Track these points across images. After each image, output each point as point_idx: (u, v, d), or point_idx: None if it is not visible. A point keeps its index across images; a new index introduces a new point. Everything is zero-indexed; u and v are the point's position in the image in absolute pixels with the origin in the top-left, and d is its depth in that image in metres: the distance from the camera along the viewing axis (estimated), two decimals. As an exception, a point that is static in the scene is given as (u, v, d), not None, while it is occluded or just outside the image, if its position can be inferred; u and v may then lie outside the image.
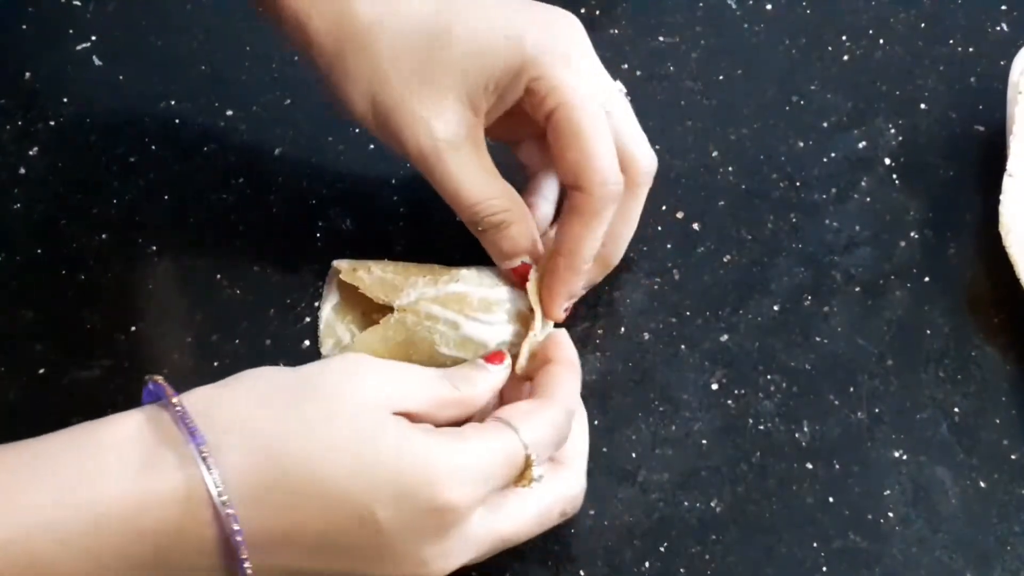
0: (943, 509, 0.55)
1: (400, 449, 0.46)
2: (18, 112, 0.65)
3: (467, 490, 0.47)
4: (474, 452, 0.48)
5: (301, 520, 0.45)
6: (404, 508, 0.46)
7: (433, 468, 0.46)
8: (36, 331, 0.60)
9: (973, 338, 0.59)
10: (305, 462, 0.45)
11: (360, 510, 0.45)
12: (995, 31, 0.68)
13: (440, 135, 0.53)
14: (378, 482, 0.46)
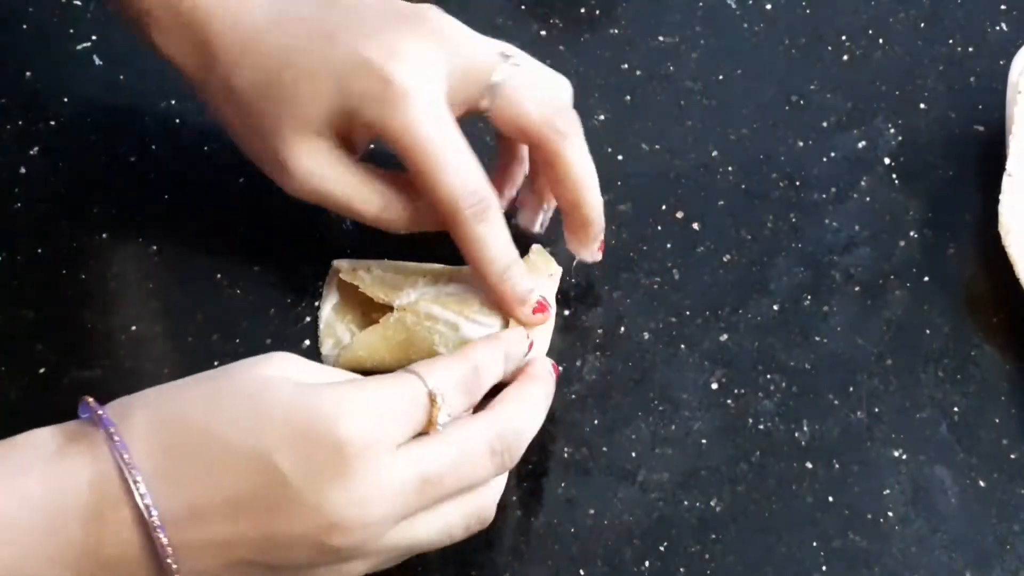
0: (943, 508, 0.55)
1: (293, 396, 0.46)
2: (18, 112, 0.65)
3: (364, 423, 0.46)
4: (370, 390, 0.48)
5: (210, 487, 0.45)
6: (304, 452, 0.45)
7: (326, 406, 0.46)
8: (36, 331, 0.60)
9: (972, 338, 0.59)
10: (205, 430, 0.46)
11: (260, 462, 0.45)
12: (995, 31, 0.68)
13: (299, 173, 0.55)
14: (273, 430, 0.45)
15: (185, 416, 0.46)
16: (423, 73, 0.54)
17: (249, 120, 0.56)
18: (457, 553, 0.54)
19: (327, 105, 0.54)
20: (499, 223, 0.55)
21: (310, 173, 0.55)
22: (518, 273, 0.56)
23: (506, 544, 0.54)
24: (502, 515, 0.54)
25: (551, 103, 0.57)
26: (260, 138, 0.56)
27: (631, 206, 0.63)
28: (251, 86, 0.55)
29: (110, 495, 0.45)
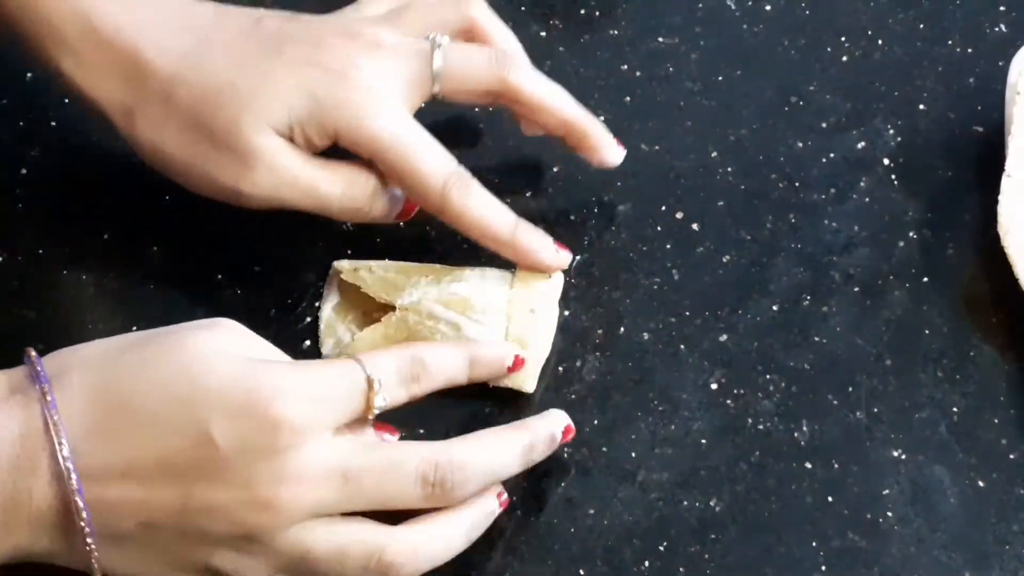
0: (942, 508, 0.55)
1: (234, 370, 0.47)
2: (18, 112, 0.65)
3: (300, 406, 0.47)
4: (310, 373, 0.49)
5: (140, 447, 0.46)
6: (238, 424, 0.46)
7: (266, 384, 0.47)
8: (36, 331, 0.60)
9: (971, 338, 0.59)
10: (142, 393, 0.47)
11: (196, 431, 0.46)
12: (994, 32, 0.68)
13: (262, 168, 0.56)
14: (212, 402, 0.46)
15: (123, 379, 0.47)
16: (380, 78, 0.56)
17: (197, 133, 0.56)
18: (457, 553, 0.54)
19: (288, 106, 0.55)
20: (485, 191, 0.57)
21: (274, 166, 0.56)
22: (525, 226, 0.58)
23: (506, 544, 0.54)
24: (502, 515, 0.55)
25: (485, 61, 0.59)
26: (212, 145, 0.56)
27: (631, 206, 0.63)
28: (199, 98, 0.55)
29: (37, 449, 0.46)
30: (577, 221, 0.62)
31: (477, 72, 0.59)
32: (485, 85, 0.59)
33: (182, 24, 0.57)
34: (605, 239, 0.62)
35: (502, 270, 0.59)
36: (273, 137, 0.56)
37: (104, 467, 0.46)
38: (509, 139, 0.65)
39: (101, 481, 0.46)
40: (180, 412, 0.46)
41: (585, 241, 0.62)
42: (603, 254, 0.61)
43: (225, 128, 0.55)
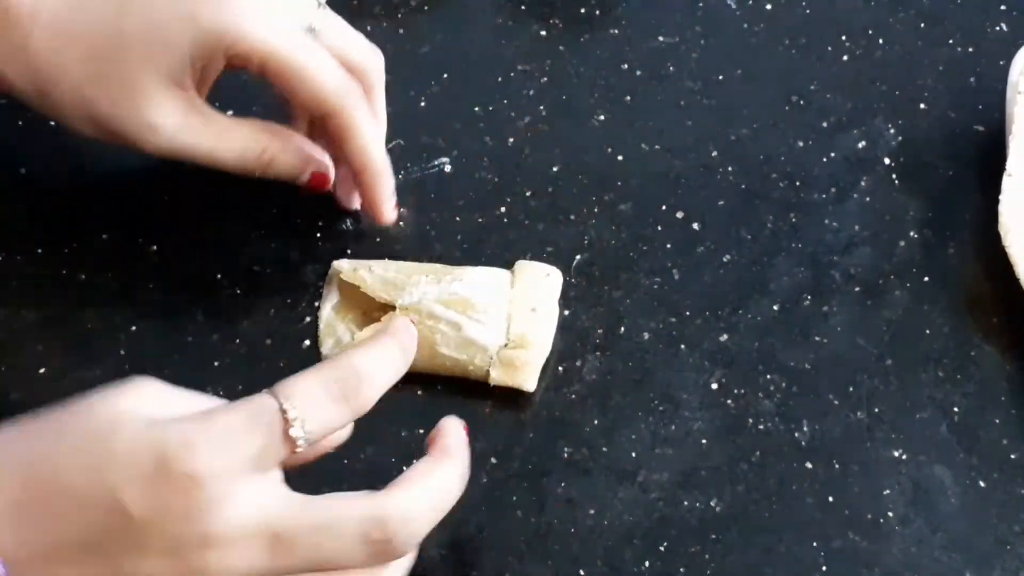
0: (943, 509, 0.55)
1: (139, 433, 0.44)
2: (18, 112, 0.65)
3: (208, 452, 0.43)
4: (217, 417, 0.44)
5: (59, 531, 0.44)
6: (146, 487, 0.43)
7: (172, 440, 0.43)
8: (36, 331, 0.60)
9: (972, 337, 0.59)
10: (51, 473, 0.44)
11: (106, 500, 0.43)
12: (995, 31, 0.68)
13: (163, 129, 0.55)
14: (118, 467, 0.43)
15: (31, 460, 0.44)
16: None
17: (91, 92, 0.55)
18: (457, 553, 0.54)
19: (178, 48, 0.55)
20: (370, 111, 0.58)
21: (177, 127, 0.56)
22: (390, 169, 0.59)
23: (506, 544, 0.54)
24: (502, 515, 0.55)
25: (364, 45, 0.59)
26: (111, 105, 0.55)
27: (631, 206, 0.63)
28: (84, 58, 0.54)
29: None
30: (577, 221, 0.62)
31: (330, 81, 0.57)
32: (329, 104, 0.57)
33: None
34: (605, 239, 0.62)
35: (502, 269, 0.59)
36: (171, 95, 0.55)
37: (29, 552, 0.44)
38: (509, 138, 0.65)
39: (26, 567, 0.43)
40: (91, 487, 0.43)
41: (585, 241, 0.62)
42: (603, 254, 0.61)
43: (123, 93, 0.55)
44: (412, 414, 0.57)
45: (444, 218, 0.62)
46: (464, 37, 0.68)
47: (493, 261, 0.60)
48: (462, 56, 0.67)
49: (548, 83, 0.67)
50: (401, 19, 0.69)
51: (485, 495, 0.55)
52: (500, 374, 0.56)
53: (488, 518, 0.55)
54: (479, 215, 0.62)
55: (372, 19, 0.69)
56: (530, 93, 0.66)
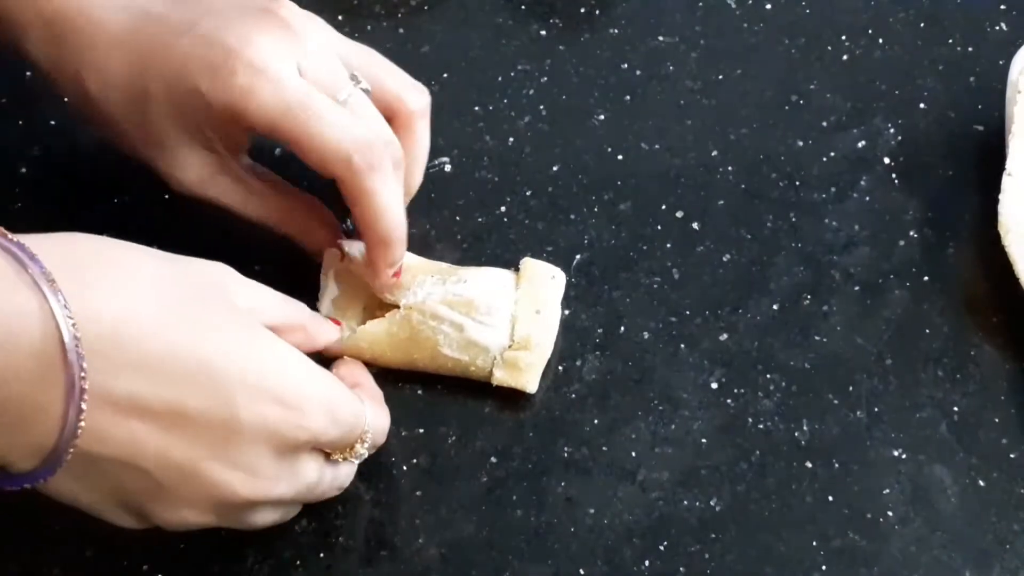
0: (942, 508, 0.55)
1: (276, 355, 0.48)
2: (18, 112, 0.65)
3: (323, 420, 0.49)
4: (340, 395, 0.50)
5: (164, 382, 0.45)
6: (265, 409, 0.47)
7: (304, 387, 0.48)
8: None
9: (972, 337, 0.59)
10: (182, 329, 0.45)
11: (225, 394, 0.46)
12: (994, 31, 0.68)
13: (188, 183, 0.56)
14: (249, 375, 0.46)
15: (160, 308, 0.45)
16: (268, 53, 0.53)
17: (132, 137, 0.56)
18: (457, 553, 0.54)
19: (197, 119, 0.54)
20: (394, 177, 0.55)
21: (203, 182, 0.56)
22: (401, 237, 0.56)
23: (506, 544, 0.54)
24: (502, 514, 0.55)
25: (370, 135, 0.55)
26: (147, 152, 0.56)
27: (631, 206, 0.63)
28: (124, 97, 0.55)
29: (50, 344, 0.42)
30: (577, 221, 0.62)
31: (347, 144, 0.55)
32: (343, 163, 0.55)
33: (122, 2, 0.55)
34: (605, 239, 0.62)
35: (506, 270, 0.59)
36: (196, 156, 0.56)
37: (117, 389, 0.44)
38: (509, 138, 0.65)
39: (107, 402, 0.44)
40: (216, 369, 0.46)
41: (585, 241, 0.62)
42: (603, 254, 0.61)
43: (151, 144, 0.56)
44: (412, 414, 0.57)
45: (444, 218, 0.62)
46: (464, 37, 0.68)
47: (493, 261, 0.60)
48: (462, 56, 0.68)
49: (548, 83, 0.67)
50: (401, 19, 0.69)
51: (485, 495, 0.55)
52: (504, 375, 0.57)
53: (488, 518, 0.55)
54: (479, 215, 0.62)
55: (372, 19, 0.69)
56: (530, 93, 0.66)
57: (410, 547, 0.54)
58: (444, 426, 0.57)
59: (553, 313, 0.58)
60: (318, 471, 0.51)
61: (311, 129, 0.53)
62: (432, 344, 0.56)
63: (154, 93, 0.54)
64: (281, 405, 0.47)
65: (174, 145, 0.55)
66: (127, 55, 0.54)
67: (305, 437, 0.48)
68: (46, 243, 0.44)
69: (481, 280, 0.58)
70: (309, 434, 0.48)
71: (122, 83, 0.55)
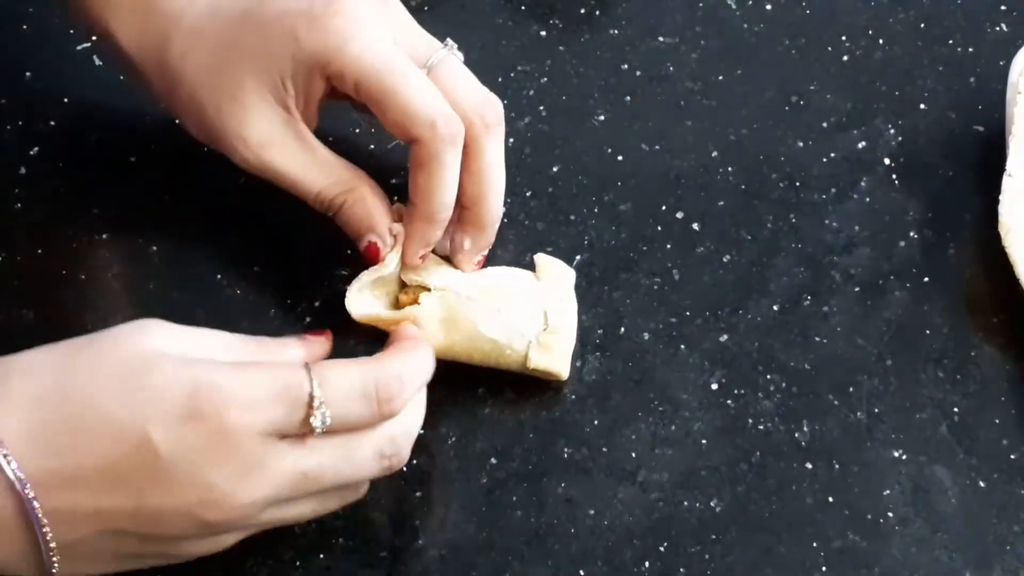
0: (942, 509, 0.55)
1: (175, 372, 0.47)
2: (18, 112, 0.65)
3: (238, 412, 0.47)
4: (252, 378, 0.48)
5: (84, 455, 0.46)
6: (178, 429, 0.46)
7: (205, 388, 0.47)
8: (36, 331, 0.59)
9: (972, 338, 0.59)
10: (81, 396, 0.46)
11: (135, 434, 0.46)
12: (995, 31, 0.68)
13: (255, 143, 0.56)
14: (152, 406, 0.46)
15: (64, 387, 0.47)
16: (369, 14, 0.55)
17: (203, 97, 0.56)
18: (457, 553, 0.54)
19: (283, 65, 0.55)
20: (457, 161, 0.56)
21: (267, 143, 0.56)
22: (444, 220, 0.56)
23: (506, 544, 0.54)
24: (502, 515, 0.55)
25: (482, 92, 0.58)
26: (216, 112, 0.56)
27: (631, 206, 0.63)
28: (205, 65, 0.56)
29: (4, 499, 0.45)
30: (577, 221, 0.62)
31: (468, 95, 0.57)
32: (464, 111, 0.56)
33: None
34: (605, 239, 0.62)
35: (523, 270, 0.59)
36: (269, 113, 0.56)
37: (50, 476, 0.46)
38: (509, 138, 0.65)
39: (50, 491, 0.46)
40: (122, 419, 0.46)
41: (585, 241, 0.62)
42: (603, 254, 0.61)
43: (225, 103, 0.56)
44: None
45: (444, 218, 0.62)
46: (464, 37, 0.68)
47: (492, 261, 0.60)
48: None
49: (548, 83, 0.67)
50: (401, 19, 0.69)
51: (485, 495, 0.55)
52: (540, 358, 0.56)
53: (488, 518, 0.55)
54: (479, 215, 0.62)
55: (372, 19, 0.69)
56: (530, 93, 0.66)
57: (410, 548, 0.54)
58: (444, 427, 0.57)
59: (573, 303, 0.58)
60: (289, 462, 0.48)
61: (401, 89, 0.54)
62: (471, 325, 0.56)
63: (244, 43, 0.55)
64: (191, 421, 0.46)
65: (248, 99, 0.55)
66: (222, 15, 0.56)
67: (234, 440, 0.47)
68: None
69: (503, 274, 0.58)
70: (234, 435, 0.47)
71: (211, 39, 0.55)
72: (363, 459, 0.50)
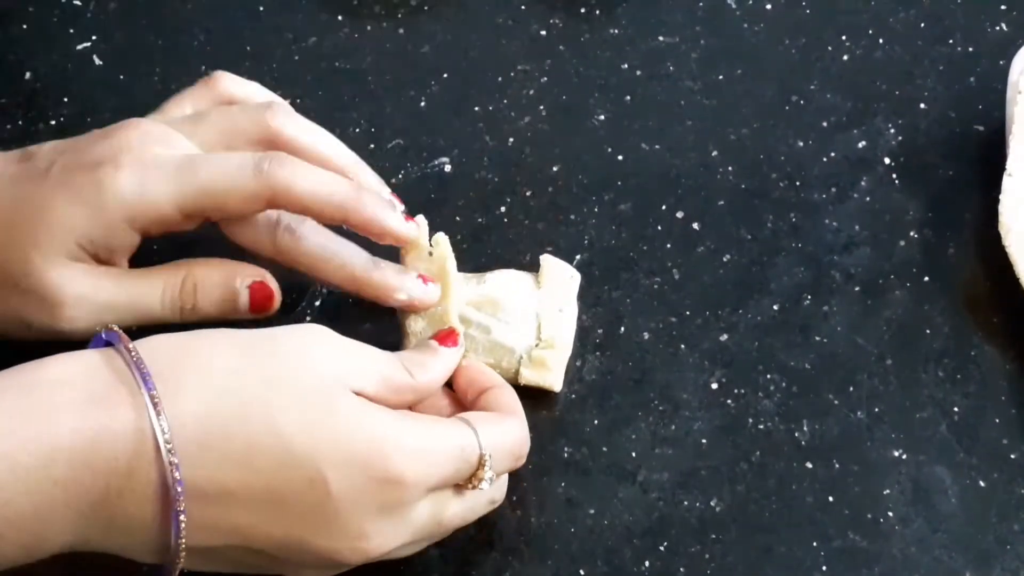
0: (942, 508, 0.55)
1: (359, 418, 0.47)
2: (18, 112, 0.65)
3: (419, 469, 0.47)
4: (431, 435, 0.49)
5: (251, 472, 0.46)
6: (355, 476, 0.46)
7: (390, 441, 0.47)
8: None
9: (972, 337, 0.59)
10: (262, 416, 0.46)
11: (312, 472, 0.46)
12: (995, 31, 0.68)
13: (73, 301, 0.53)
14: (333, 446, 0.46)
15: (243, 399, 0.46)
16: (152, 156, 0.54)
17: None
18: (457, 553, 0.54)
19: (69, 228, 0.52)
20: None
21: (82, 297, 0.53)
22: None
23: (506, 544, 0.54)
24: (502, 515, 0.54)
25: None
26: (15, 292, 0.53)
27: (631, 206, 0.63)
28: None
29: (144, 457, 0.44)
30: (577, 221, 0.62)
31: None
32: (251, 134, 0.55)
33: None
34: (605, 239, 0.62)
35: (523, 272, 0.59)
36: (70, 267, 0.53)
37: (210, 486, 0.45)
38: (509, 138, 0.65)
39: (206, 503, 0.45)
40: (300, 447, 0.46)
41: (585, 241, 0.62)
42: (603, 254, 0.61)
43: (21, 272, 0.52)
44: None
45: (444, 218, 0.62)
46: (464, 37, 0.68)
47: (493, 261, 0.60)
48: (462, 56, 0.67)
49: (548, 83, 0.67)
50: (401, 19, 0.69)
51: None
52: (532, 374, 0.56)
53: (488, 518, 0.55)
54: (479, 215, 0.62)
55: (372, 19, 0.69)
56: (530, 93, 0.66)
57: (410, 547, 0.54)
58: (444, 426, 0.57)
59: (573, 310, 0.58)
60: (433, 513, 0.49)
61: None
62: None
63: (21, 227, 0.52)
64: (370, 471, 0.47)
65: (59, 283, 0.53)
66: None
67: (403, 494, 0.48)
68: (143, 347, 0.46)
69: (502, 280, 0.58)
70: (406, 490, 0.47)
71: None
72: (481, 506, 0.52)
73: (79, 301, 0.53)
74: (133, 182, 0.53)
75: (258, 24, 0.68)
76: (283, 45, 0.68)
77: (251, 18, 0.69)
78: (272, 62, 0.67)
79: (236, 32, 0.68)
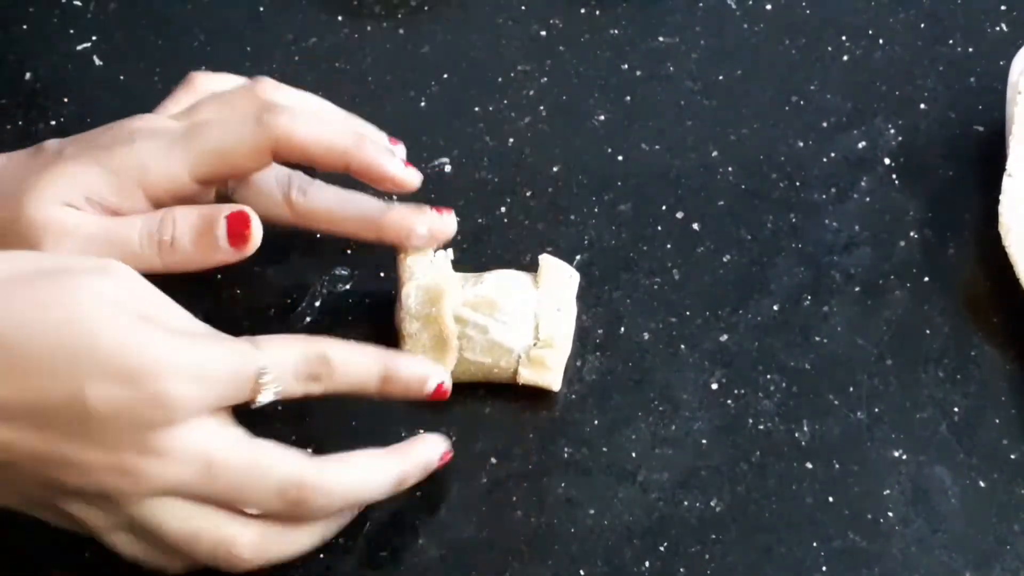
0: (943, 509, 0.55)
1: (124, 335, 0.46)
2: (18, 112, 0.65)
3: (184, 386, 0.46)
4: (200, 352, 0.47)
5: (11, 387, 0.45)
6: (115, 392, 0.45)
7: (152, 357, 0.46)
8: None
9: (972, 338, 0.59)
10: (24, 335, 0.45)
11: (71, 386, 0.45)
12: (995, 31, 0.68)
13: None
14: (93, 361, 0.45)
15: (11, 314, 0.46)
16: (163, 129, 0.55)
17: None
18: (457, 553, 0.54)
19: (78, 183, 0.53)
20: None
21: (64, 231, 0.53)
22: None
23: (506, 544, 0.54)
24: (502, 515, 0.55)
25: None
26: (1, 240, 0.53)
27: (631, 206, 0.63)
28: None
29: None
30: (577, 221, 0.62)
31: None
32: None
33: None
34: (605, 239, 0.62)
35: (522, 272, 0.59)
36: (61, 210, 0.53)
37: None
38: (509, 138, 0.65)
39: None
40: (61, 364, 0.45)
41: (585, 241, 0.62)
42: (603, 254, 0.61)
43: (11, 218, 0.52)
44: (413, 414, 0.57)
45: (444, 218, 0.62)
46: (464, 37, 0.68)
47: (493, 261, 0.60)
48: (462, 56, 0.68)
49: (548, 83, 0.67)
50: (401, 19, 0.69)
51: (485, 495, 0.55)
52: (530, 374, 0.56)
53: (488, 518, 0.55)
54: (479, 215, 0.62)
55: (372, 19, 0.69)
56: (530, 93, 0.66)
57: (410, 548, 0.54)
58: (444, 427, 0.57)
59: (571, 309, 0.58)
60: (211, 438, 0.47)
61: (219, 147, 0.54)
62: (455, 352, 0.56)
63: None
64: (133, 387, 0.46)
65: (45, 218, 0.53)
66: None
67: (171, 415, 0.46)
68: None
69: (499, 280, 0.58)
70: (174, 411, 0.46)
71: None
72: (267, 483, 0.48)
73: (60, 239, 0.53)
74: (146, 150, 0.54)
75: (258, 24, 0.68)
76: (283, 45, 0.68)
77: (251, 18, 0.69)
78: (272, 62, 0.67)
79: (236, 32, 0.68)
